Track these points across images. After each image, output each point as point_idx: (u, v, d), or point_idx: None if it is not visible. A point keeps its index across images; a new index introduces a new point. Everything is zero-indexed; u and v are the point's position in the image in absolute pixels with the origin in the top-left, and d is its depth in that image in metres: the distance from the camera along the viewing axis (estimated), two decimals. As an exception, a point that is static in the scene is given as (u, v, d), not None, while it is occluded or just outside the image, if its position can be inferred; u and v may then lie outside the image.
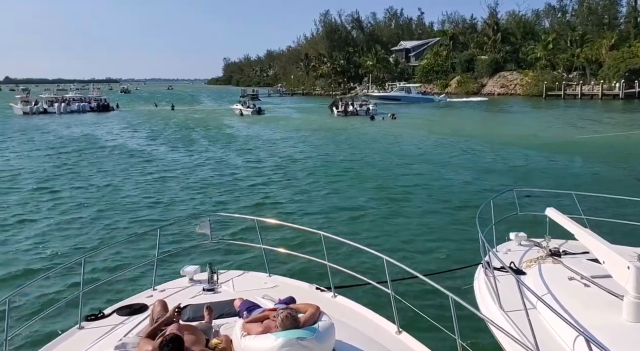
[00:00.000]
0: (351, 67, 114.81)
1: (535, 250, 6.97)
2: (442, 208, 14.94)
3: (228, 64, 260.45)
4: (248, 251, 9.76)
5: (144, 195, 17.33)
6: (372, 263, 8.51)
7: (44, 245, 11.97)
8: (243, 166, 23.35)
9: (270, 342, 3.55)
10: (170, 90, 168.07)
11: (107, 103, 67.45)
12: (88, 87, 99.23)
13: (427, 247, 11.44)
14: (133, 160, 25.45)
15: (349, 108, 55.51)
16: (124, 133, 39.59)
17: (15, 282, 9.50)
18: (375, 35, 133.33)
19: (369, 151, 27.75)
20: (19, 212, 14.98)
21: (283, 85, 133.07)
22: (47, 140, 34.67)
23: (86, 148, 29.70)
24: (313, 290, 5.64)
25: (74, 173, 21.50)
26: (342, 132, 38.08)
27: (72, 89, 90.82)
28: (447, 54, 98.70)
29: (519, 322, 4.75)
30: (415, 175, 20.67)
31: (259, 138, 35.07)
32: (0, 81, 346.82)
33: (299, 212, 15.01)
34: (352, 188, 18.25)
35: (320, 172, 21.69)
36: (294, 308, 4.03)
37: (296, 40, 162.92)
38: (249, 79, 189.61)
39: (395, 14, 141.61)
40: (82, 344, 4.49)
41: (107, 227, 13.54)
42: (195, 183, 19.30)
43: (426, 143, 30.85)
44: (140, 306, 5.23)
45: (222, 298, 5.23)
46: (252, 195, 17.31)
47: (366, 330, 4.57)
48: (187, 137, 36.00)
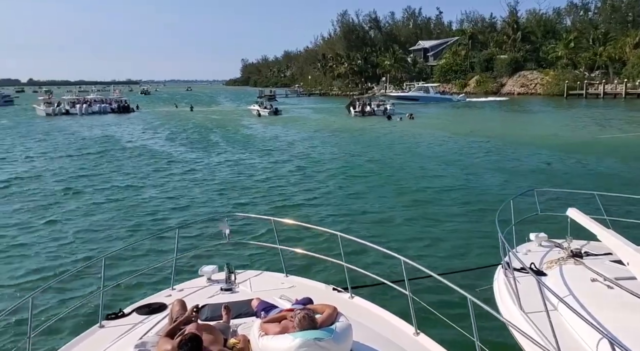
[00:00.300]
0: (369, 67, 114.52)
1: (556, 251, 6.86)
2: (461, 209, 14.80)
3: (246, 65, 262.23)
4: (265, 251, 9.80)
5: (163, 196, 17.51)
6: (390, 264, 8.48)
7: (65, 245, 12.17)
8: (260, 167, 23.44)
9: (287, 342, 3.55)
10: (189, 91, 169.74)
11: (127, 104, 68.34)
12: (109, 89, 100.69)
13: (445, 247, 11.35)
14: (152, 161, 25.73)
15: (366, 109, 55.37)
16: (144, 134, 40.05)
17: (38, 281, 9.68)
18: (393, 35, 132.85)
19: (386, 151, 27.63)
20: (41, 212, 15.24)
21: (300, 85, 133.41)
22: (69, 141, 35.27)
23: (107, 149, 30.12)
24: (330, 290, 5.63)
25: (95, 174, 21.83)
26: (359, 133, 37.98)
27: (94, 91, 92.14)
28: (466, 53, 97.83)
29: (540, 324, 4.68)
30: (434, 175, 20.52)
31: (277, 139, 35.18)
32: (24, 83, 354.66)
33: (316, 212, 15.00)
34: (369, 188, 18.18)
35: (336, 172, 21.66)
36: (311, 308, 4.02)
37: (313, 41, 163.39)
38: (266, 80, 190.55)
39: (414, 14, 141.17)
40: (103, 342, 4.55)
41: (127, 227, 13.71)
42: (214, 184, 19.43)
43: (445, 143, 30.59)
44: (159, 305, 5.27)
45: (240, 298, 5.25)
46: (269, 195, 17.35)
47: (384, 331, 4.55)
48: (205, 138, 36.27)
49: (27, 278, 10.11)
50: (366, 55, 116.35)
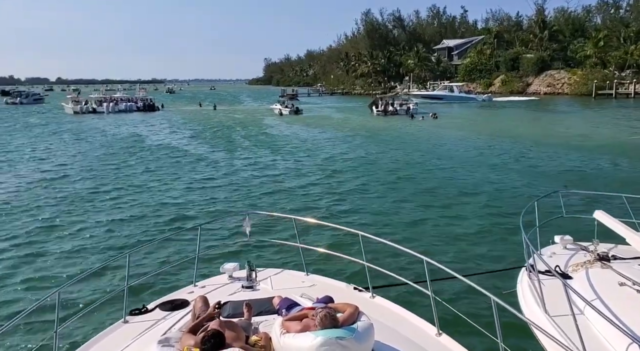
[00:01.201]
0: (392, 66, 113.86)
1: (582, 254, 6.72)
2: (484, 210, 14.62)
3: (269, 64, 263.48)
4: (285, 249, 9.82)
5: (185, 194, 17.73)
6: (411, 264, 8.42)
7: (91, 240, 12.42)
8: (281, 166, 23.52)
9: (309, 341, 3.55)
10: (212, 90, 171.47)
11: (152, 103, 69.39)
12: (135, 88, 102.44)
13: (467, 248, 11.22)
14: (176, 159, 26.05)
15: (389, 108, 55.10)
16: (168, 132, 40.57)
17: (65, 276, 9.90)
18: (417, 33, 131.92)
19: (409, 151, 27.45)
20: (68, 209, 15.57)
21: (322, 84, 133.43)
22: (96, 139, 35.96)
23: (132, 148, 30.62)
24: (351, 290, 5.62)
25: (120, 172, 22.21)
26: (381, 132, 37.81)
27: (120, 89, 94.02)
28: (491, 52, 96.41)
29: (566, 328, 4.59)
30: (457, 175, 20.31)
31: (298, 138, 35.26)
32: (52, 81, 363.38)
33: (337, 211, 15.00)
34: (390, 188, 18.10)
35: (357, 172, 21.60)
36: (332, 307, 4.02)
37: (337, 40, 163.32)
38: (288, 79, 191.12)
39: (438, 12, 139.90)
40: (127, 337, 4.61)
41: (150, 224, 13.92)
42: (235, 183, 19.56)
43: (469, 144, 30.23)
44: (181, 301, 5.33)
45: (261, 295, 5.28)
46: (290, 194, 17.40)
47: (405, 331, 4.52)
48: (227, 137, 36.56)
49: (54, 273, 10.33)
50: (389, 54, 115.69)
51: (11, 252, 11.54)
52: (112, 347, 4.42)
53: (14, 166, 24.38)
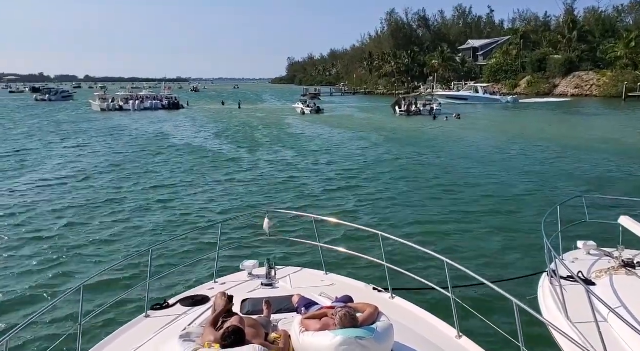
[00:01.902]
0: (416, 66, 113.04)
1: (606, 260, 6.57)
2: (506, 213, 14.44)
3: (292, 64, 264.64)
4: (305, 248, 9.83)
5: (207, 191, 17.91)
6: (432, 266, 8.35)
7: (115, 236, 12.63)
8: (302, 165, 23.55)
9: (328, 339, 3.55)
10: (236, 89, 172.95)
11: (177, 101, 70.35)
12: (160, 86, 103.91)
13: (488, 252, 11.10)
14: (199, 157, 26.30)
15: (412, 108, 54.75)
16: (192, 131, 41.01)
17: (88, 270, 10.10)
18: (442, 33, 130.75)
19: (431, 152, 27.23)
20: (93, 205, 15.86)
21: (345, 84, 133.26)
22: (121, 136, 36.57)
23: (156, 146, 31.05)
24: (370, 290, 5.60)
25: (144, 169, 22.53)
26: (404, 132, 37.59)
27: (146, 87, 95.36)
28: (517, 53, 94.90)
29: (589, 335, 4.50)
30: (479, 177, 20.06)
31: (320, 137, 35.27)
32: (81, 79, 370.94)
33: (357, 211, 14.96)
34: (411, 189, 17.99)
35: (378, 172, 21.52)
36: (352, 307, 4.02)
37: (360, 39, 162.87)
38: (311, 78, 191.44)
39: (464, 13, 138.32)
40: (149, 332, 4.68)
41: (173, 220, 14.11)
42: (256, 181, 19.68)
43: (492, 145, 29.86)
44: (202, 297, 5.39)
45: (280, 293, 5.30)
46: (310, 194, 17.42)
47: (425, 333, 4.49)
48: (250, 136, 36.79)
49: (78, 267, 10.55)
50: (413, 54, 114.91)
51: (37, 246, 11.81)
52: (134, 341, 4.48)
53: (41, 163, 24.96)
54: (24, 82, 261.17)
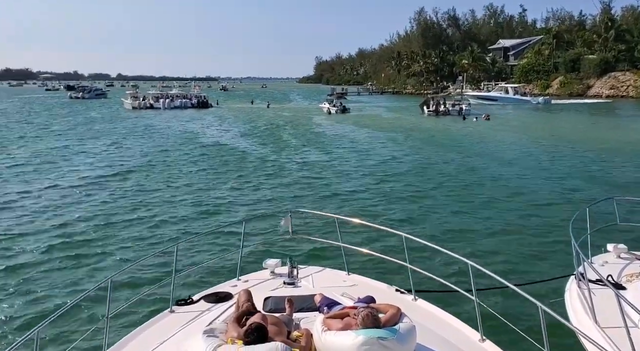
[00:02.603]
0: (445, 66, 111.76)
1: (637, 264, 6.38)
2: (533, 214, 14.18)
3: (319, 63, 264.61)
4: (327, 248, 9.82)
5: (232, 189, 18.09)
6: (455, 268, 8.28)
7: (142, 232, 12.88)
8: (328, 165, 23.53)
9: (350, 339, 3.54)
10: (264, 88, 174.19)
11: (206, 100, 71.23)
12: (190, 85, 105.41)
13: (514, 254, 10.94)
14: (225, 156, 26.54)
15: (440, 108, 54.20)
16: (220, 129, 41.44)
17: (116, 265, 10.30)
18: (472, 33, 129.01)
19: (458, 153, 26.89)
20: (121, 201, 16.20)
21: (373, 83, 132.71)
22: (151, 134, 37.23)
23: (184, 143, 31.49)
24: (392, 291, 5.56)
25: (172, 167, 22.88)
26: (431, 133, 37.22)
27: (176, 86, 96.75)
28: (550, 52, 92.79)
29: (618, 341, 4.38)
30: (507, 179, 19.74)
31: (346, 137, 35.20)
32: (113, 77, 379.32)
33: (381, 212, 14.89)
34: (438, 190, 17.80)
35: (403, 172, 21.40)
36: (374, 307, 4.01)
37: (389, 38, 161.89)
38: (339, 77, 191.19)
39: (495, 12, 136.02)
40: (173, 327, 4.75)
41: (198, 217, 14.31)
42: (281, 181, 19.75)
43: (522, 147, 29.34)
44: (225, 294, 5.44)
45: (302, 292, 5.31)
46: (335, 194, 17.39)
47: (448, 336, 4.44)
48: (277, 135, 36.95)
49: (107, 261, 10.80)
50: (442, 53, 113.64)
51: (68, 240, 12.13)
52: (160, 335, 4.56)
53: (75, 159, 25.62)
54: (59, 80, 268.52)
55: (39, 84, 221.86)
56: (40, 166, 22.95)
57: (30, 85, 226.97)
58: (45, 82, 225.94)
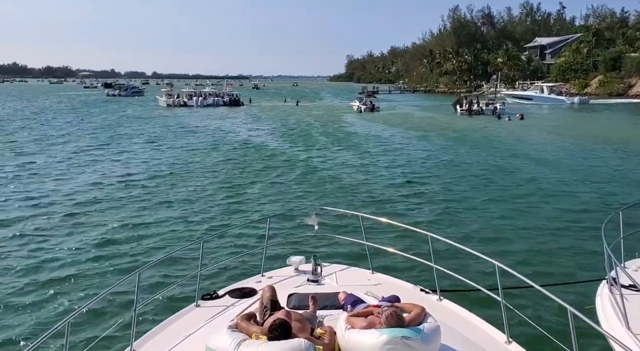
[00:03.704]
0: (479, 64, 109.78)
1: None
2: (565, 216, 13.88)
3: (351, 61, 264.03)
4: (351, 247, 9.78)
5: (259, 186, 18.25)
6: (481, 269, 8.15)
7: (169, 227, 13.09)
8: (357, 164, 23.41)
9: (374, 338, 3.53)
10: (295, 86, 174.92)
11: (238, 98, 72.04)
12: (222, 83, 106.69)
13: (543, 255, 10.75)
14: (254, 153, 26.78)
15: (474, 107, 53.32)
16: (250, 127, 41.70)
17: (144, 259, 10.52)
18: (508, 31, 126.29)
19: (491, 153, 26.41)
20: (150, 197, 16.52)
21: (405, 82, 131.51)
22: (184, 131, 37.86)
23: (215, 140, 31.90)
24: (417, 291, 5.51)
25: (201, 163, 23.19)
26: (464, 132, 36.64)
27: (208, 84, 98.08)
28: (589, 51, 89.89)
29: None
30: (540, 180, 19.32)
31: (377, 136, 34.97)
32: (149, 75, 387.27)
33: (408, 211, 14.78)
34: (468, 190, 17.57)
35: (432, 171, 21.20)
36: (398, 306, 3.99)
37: (421, 37, 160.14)
38: (370, 76, 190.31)
39: (532, 9, 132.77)
40: (199, 321, 4.83)
41: (224, 213, 14.49)
42: (309, 179, 19.76)
43: (557, 147, 28.62)
44: (249, 290, 5.50)
45: (326, 290, 5.31)
46: (362, 193, 17.32)
47: (473, 337, 4.38)
48: (306, 133, 37.02)
49: (135, 254, 11.02)
50: (476, 51, 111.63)
51: (99, 234, 12.45)
52: (186, 329, 4.63)
53: (108, 154, 26.28)
54: (96, 77, 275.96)
55: (77, 82, 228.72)
56: (77, 162, 23.61)
57: (69, 82, 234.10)
58: (83, 80, 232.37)
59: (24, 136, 33.77)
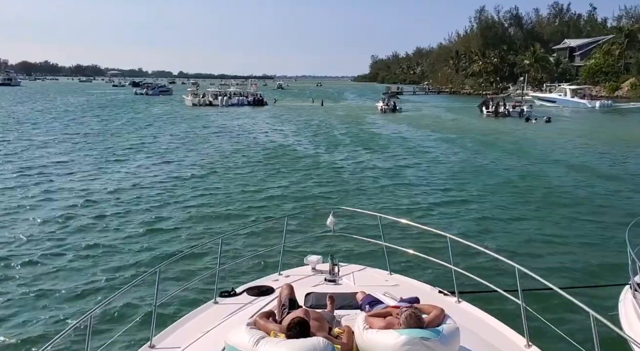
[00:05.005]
0: (505, 66, 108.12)
1: None
2: (588, 221, 13.67)
3: (375, 61, 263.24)
4: (369, 247, 9.72)
5: (279, 185, 18.35)
6: (501, 271, 8.05)
7: (188, 224, 13.28)
8: (379, 165, 23.30)
9: (392, 338, 3.51)
10: (319, 86, 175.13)
11: (261, 98, 72.64)
12: (246, 83, 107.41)
13: (564, 259, 10.61)
14: (275, 152, 26.87)
15: (500, 109, 52.61)
16: (273, 127, 41.84)
17: (164, 255, 10.66)
18: (536, 32, 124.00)
19: (518, 155, 26.06)
20: (172, 193, 16.78)
21: (429, 83, 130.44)
22: (208, 130, 38.19)
23: (237, 139, 32.14)
24: (436, 293, 5.45)
25: (222, 162, 23.41)
26: (490, 134, 36.19)
27: (233, 84, 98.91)
28: (620, 53, 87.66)
29: None
30: (564, 182, 19.07)
31: (401, 138, 34.77)
32: (175, 75, 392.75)
33: (428, 213, 14.71)
34: (490, 191, 17.41)
35: (457, 173, 21.02)
36: (418, 307, 3.96)
37: (447, 37, 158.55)
38: (394, 76, 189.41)
39: (561, 10, 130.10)
40: (217, 317, 4.86)
41: (242, 211, 14.63)
42: (329, 179, 19.77)
43: (583, 151, 28.10)
44: (267, 288, 5.50)
45: (343, 290, 5.28)
46: (382, 194, 17.26)
47: (492, 340, 4.33)
48: (329, 133, 37.05)
49: (155, 250, 11.21)
50: (503, 53, 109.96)
51: (120, 230, 12.70)
52: (204, 325, 4.67)
53: (136, 154, 26.72)
54: (124, 76, 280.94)
55: (106, 80, 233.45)
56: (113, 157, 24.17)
57: (98, 81, 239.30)
58: (112, 79, 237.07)
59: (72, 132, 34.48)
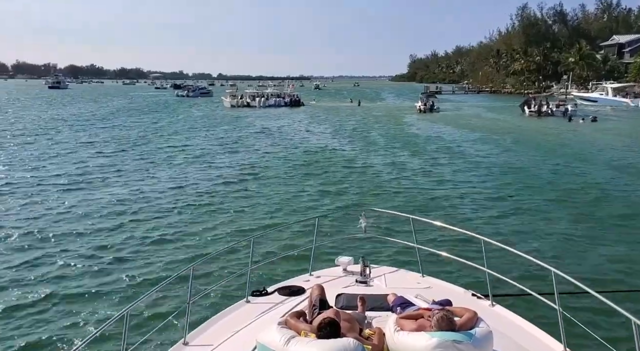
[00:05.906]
0: (548, 64, 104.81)
1: None
2: (629, 224, 13.20)
3: (414, 61, 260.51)
4: (401, 249, 9.65)
5: (312, 185, 18.41)
6: (536, 275, 7.85)
7: (222, 224, 13.47)
8: (416, 166, 23.06)
9: (424, 340, 3.48)
10: (356, 86, 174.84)
11: (298, 99, 73.34)
12: (284, 84, 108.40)
13: (603, 263, 10.30)
14: (312, 153, 26.90)
15: (543, 109, 51.13)
16: (310, 127, 41.93)
17: (198, 253, 10.90)
18: (582, 29, 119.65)
19: (562, 156, 25.27)
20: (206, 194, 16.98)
21: (469, 82, 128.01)
22: (246, 131, 38.66)
23: (273, 140, 32.34)
24: (469, 296, 5.35)
25: (259, 162, 23.70)
26: (534, 135, 35.26)
27: (270, 85, 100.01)
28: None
29: None
30: (611, 186, 18.44)
31: (439, 138, 34.28)
32: (214, 77, 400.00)
33: (465, 215, 14.49)
34: (531, 193, 16.95)
35: (497, 175, 20.60)
36: (450, 310, 3.91)
37: (488, 36, 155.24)
38: (433, 76, 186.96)
39: (610, 5, 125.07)
40: (249, 316, 4.92)
41: (274, 211, 14.77)
42: (364, 180, 19.67)
43: (631, 153, 26.96)
44: (297, 288, 5.53)
45: (374, 292, 5.24)
46: (417, 194, 17.12)
47: (527, 344, 4.22)
48: (365, 134, 36.85)
49: (189, 249, 11.43)
50: (546, 50, 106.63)
51: (157, 229, 13.03)
52: (236, 324, 4.74)
53: (176, 155, 27.27)
54: (166, 79, 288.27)
55: (148, 83, 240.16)
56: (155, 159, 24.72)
57: (141, 83, 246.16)
58: (154, 81, 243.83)
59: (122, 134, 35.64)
